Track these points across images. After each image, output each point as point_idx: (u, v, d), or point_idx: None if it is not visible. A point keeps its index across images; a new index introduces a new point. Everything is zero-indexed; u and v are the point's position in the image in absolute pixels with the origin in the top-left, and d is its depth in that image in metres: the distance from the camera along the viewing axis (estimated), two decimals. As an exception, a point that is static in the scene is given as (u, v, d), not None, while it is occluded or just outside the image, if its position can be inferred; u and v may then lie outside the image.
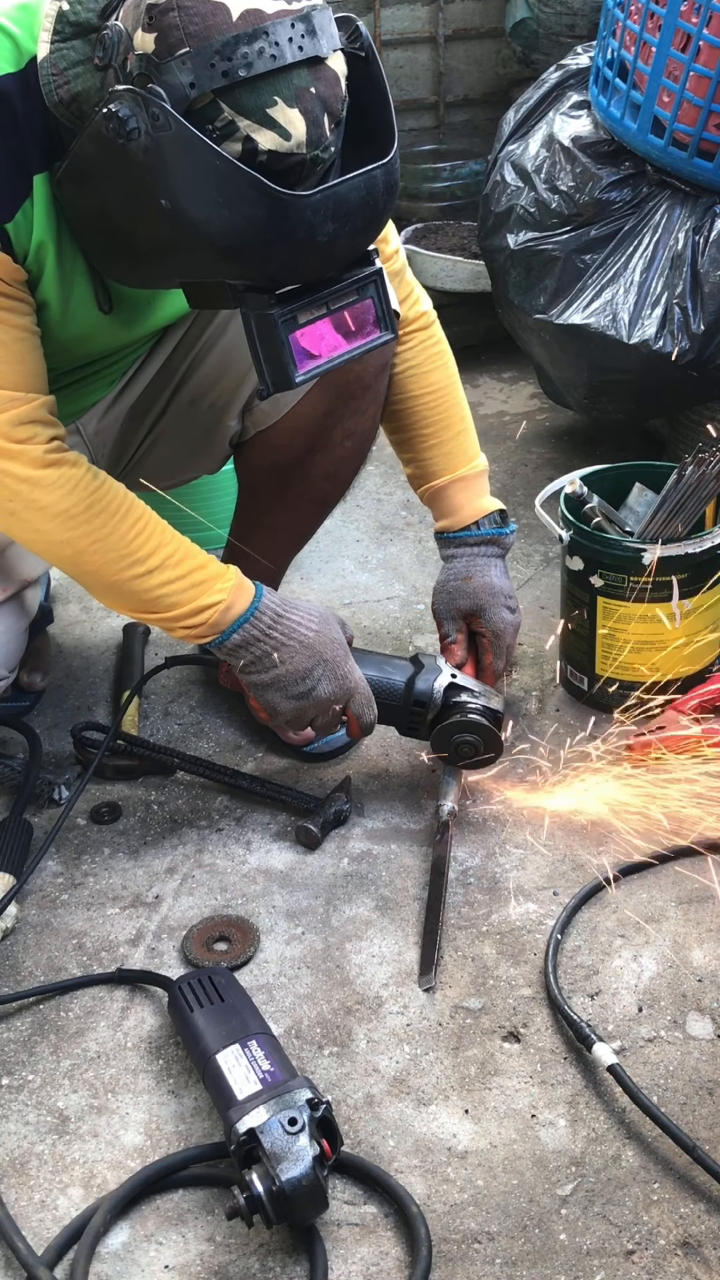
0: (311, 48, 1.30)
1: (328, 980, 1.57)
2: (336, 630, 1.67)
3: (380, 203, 1.38)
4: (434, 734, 1.76)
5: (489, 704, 1.76)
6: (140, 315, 1.68)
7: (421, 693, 1.76)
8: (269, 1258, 1.27)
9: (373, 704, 1.71)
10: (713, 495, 1.92)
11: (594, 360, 2.30)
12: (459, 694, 1.76)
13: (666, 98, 2.18)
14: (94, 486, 1.55)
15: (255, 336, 1.42)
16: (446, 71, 3.69)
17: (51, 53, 1.39)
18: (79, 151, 1.38)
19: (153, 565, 1.57)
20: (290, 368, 1.42)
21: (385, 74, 1.42)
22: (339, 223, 1.34)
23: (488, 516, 1.87)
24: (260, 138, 1.29)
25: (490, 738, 1.74)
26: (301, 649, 1.63)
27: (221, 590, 1.59)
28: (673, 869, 1.70)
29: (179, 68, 1.26)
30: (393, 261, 1.77)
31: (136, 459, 1.90)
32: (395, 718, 1.78)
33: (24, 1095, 1.45)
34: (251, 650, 1.62)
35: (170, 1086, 1.45)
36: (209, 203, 1.30)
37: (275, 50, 1.27)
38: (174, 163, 1.29)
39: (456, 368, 1.88)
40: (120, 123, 1.29)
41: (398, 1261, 1.26)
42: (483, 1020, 1.51)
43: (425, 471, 1.88)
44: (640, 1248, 1.26)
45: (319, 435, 1.81)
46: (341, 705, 1.68)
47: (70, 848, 1.79)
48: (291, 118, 1.29)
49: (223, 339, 1.81)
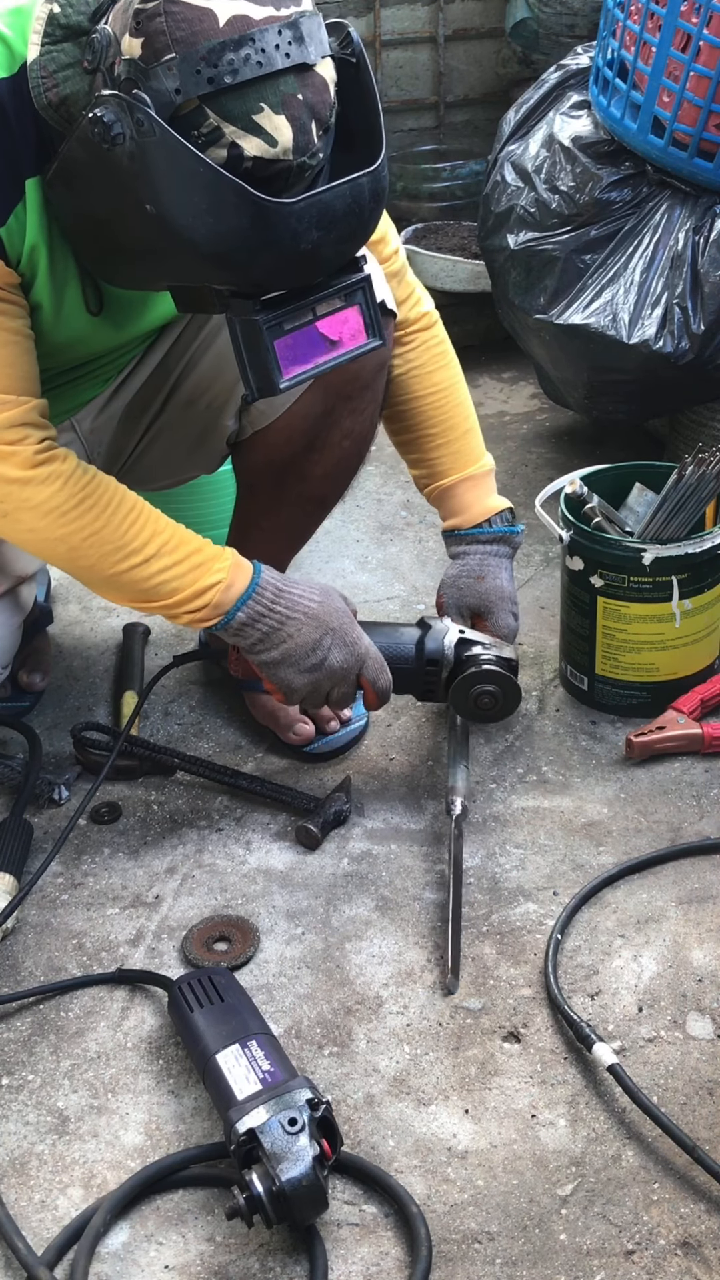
0: (299, 54, 1.29)
1: (328, 980, 1.57)
2: (339, 600, 1.67)
3: (367, 211, 1.37)
4: (451, 691, 1.75)
5: (502, 653, 1.75)
6: (132, 317, 1.68)
7: (433, 651, 1.75)
8: (269, 1258, 1.27)
9: (385, 669, 1.69)
10: (713, 495, 1.92)
11: (594, 360, 2.30)
12: (470, 648, 1.75)
13: (666, 98, 2.18)
14: (84, 481, 1.55)
15: (240, 342, 1.41)
16: (446, 71, 3.69)
17: (41, 55, 1.39)
18: (67, 155, 1.38)
19: (149, 554, 1.57)
20: (275, 374, 1.41)
21: (381, 77, 1.42)
22: (324, 230, 1.33)
23: (498, 515, 1.88)
24: (245, 144, 1.28)
25: (508, 685, 1.73)
26: (307, 620, 1.62)
27: (220, 570, 1.59)
28: (673, 869, 1.70)
29: (165, 73, 1.26)
30: (392, 262, 1.77)
31: (133, 458, 1.90)
32: (410, 682, 1.77)
33: (24, 1095, 1.45)
34: (258, 627, 1.62)
35: (170, 1086, 1.45)
36: (193, 209, 1.30)
37: (262, 57, 1.27)
38: (158, 169, 1.29)
39: (460, 367, 1.88)
40: (105, 128, 1.29)
41: (398, 1261, 1.26)
42: (483, 1020, 1.51)
43: (433, 471, 1.88)
44: (640, 1248, 1.26)
45: (317, 435, 1.81)
46: (355, 674, 1.68)
47: (70, 848, 1.79)
48: (278, 124, 1.29)
49: (219, 338, 1.81)
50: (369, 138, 1.39)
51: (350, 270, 1.43)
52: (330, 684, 1.66)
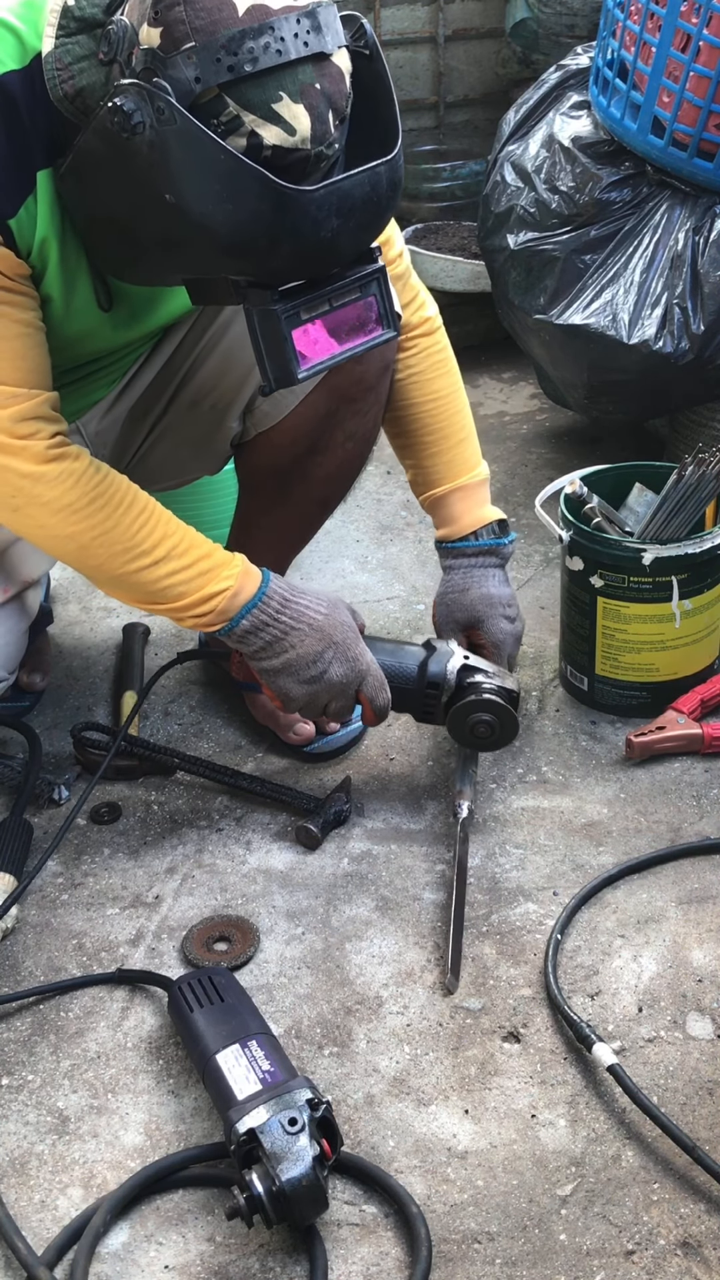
0: (317, 44, 1.30)
1: (328, 980, 1.57)
2: (345, 614, 1.67)
3: (384, 199, 1.38)
4: (450, 716, 1.75)
5: (504, 684, 1.75)
6: (141, 314, 1.68)
7: (435, 675, 1.75)
8: (269, 1258, 1.27)
9: (385, 686, 1.70)
10: (713, 495, 1.92)
11: (594, 360, 2.30)
12: (473, 675, 1.75)
13: (666, 98, 2.18)
14: (97, 480, 1.55)
15: (258, 332, 1.42)
16: (446, 71, 3.69)
17: (56, 47, 1.39)
18: (83, 146, 1.38)
19: (158, 556, 1.57)
20: (293, 364, 1.42)
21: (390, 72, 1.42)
22: (343, 218, 1.34)
23: (487, 526, 1.86)
24: (265, 133, 1.29)
25: (507, 717, 1.74)
26: (311, 632, 1.62)
27: (229, 577, 1.59)
28: (673, 869, 1.70)
29: (184, 62, 1.27)
30: (396, 265, 1.77)
31: (137, 459, 1.90)
32: (409, 702, 1.77)
33: (24, 1095, 1.45)
34: (261, 635, 1.62)
35: (170, 1086, 1.45)
36: (213, 197, 1.30)
37: (281, 46, 1.27)
38: (178, 157, 1.29)
39: (460, 375, 1.88)
40: (125, 116, 1.29)
41: (398, 1261, 1.26)
42: (483, 1020, 1.51)
43: (426, 479, 1.87)
44: (640, 1248, 1.26)
45: (320, 436, 1.81)
46: (354, 689, 1.68)
47: (70, 848, 1.79)
48: (296, 113, 1.29)
49: (224, 339, 1.81)
50: (384, 128, 1.40)
51: (366, 261, 1.44)
52: (328, 696, 1.67)
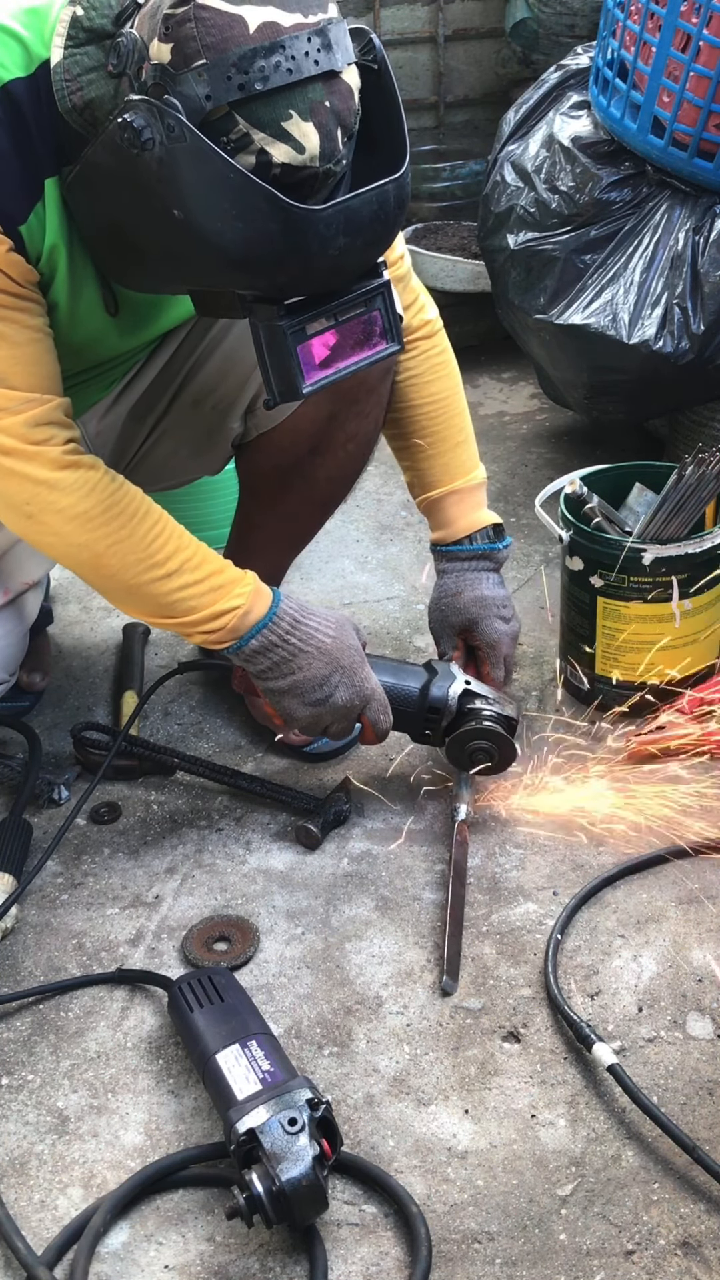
0: (327, 62, 1.29)
1: (328, 980, 1.57)
2: (353, 637, 1.67)
3: (391, 217, 1.38)
4: (448, 742, 1.76)
5: (503, 711, 1.76)
6: (147, 320, 1.68)
7: (436, 699, 1.76)
8: (269, 1258, 1.27)
9: (388, 711, 1.70)
10: (713, 495, 1.92)
11: (594, 360, 2.30)
12: (473, 701, 1.76)
13: (666, 98, 2.18)
14: (112, 489, 1.55)
15: (263, 347, 1.42)
16: (446, 71, 3.69)
17: (65, 58, 1.39)
18: (91, 159, 1.38)
19: (171, 569, 1.57)
20: (298, 379, 1.42)
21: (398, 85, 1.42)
22: (350, 236, 1.34)
23: (482, 531, 1.86)
24: (274, 151, 1.28)
25: (504, 745, 1.74)
26: (319, 655, 1.62)
27: (240, 595, 1.59)
28: (673, 869, 1.70)
29: (195, 80, 1.26)
30: (397, 267, 1.77)
31: (138, 459, 1.90)
32: (409, 724, 1.78)
33: (24, 1095, 1.45)
34: (269, 656, 1.62)
35: (170, 1086, 1.45)
36: (221, 215, 1.29)
37: (292, 64, 1.27)
38: (188, 174, 1.28)
39: (460, 377, 1.88)
40: (135, 133, 1.28)
41: (398, 1261, 1.26)
42: (483, 1020, 1.51)
43: (422, 481, 1.87)
44: (640, 1248, 1.26)
45: (321, 438, 1.80)
46: (357, 713, 1.68)
47: (70, 848, 1.79)
48: (306, 131, 1.29)
49: (226, 341, 1.81)
50: (391, 143, 1.39)
51: (371, 275, 1.44)
52: (331, 719, 1.67)
